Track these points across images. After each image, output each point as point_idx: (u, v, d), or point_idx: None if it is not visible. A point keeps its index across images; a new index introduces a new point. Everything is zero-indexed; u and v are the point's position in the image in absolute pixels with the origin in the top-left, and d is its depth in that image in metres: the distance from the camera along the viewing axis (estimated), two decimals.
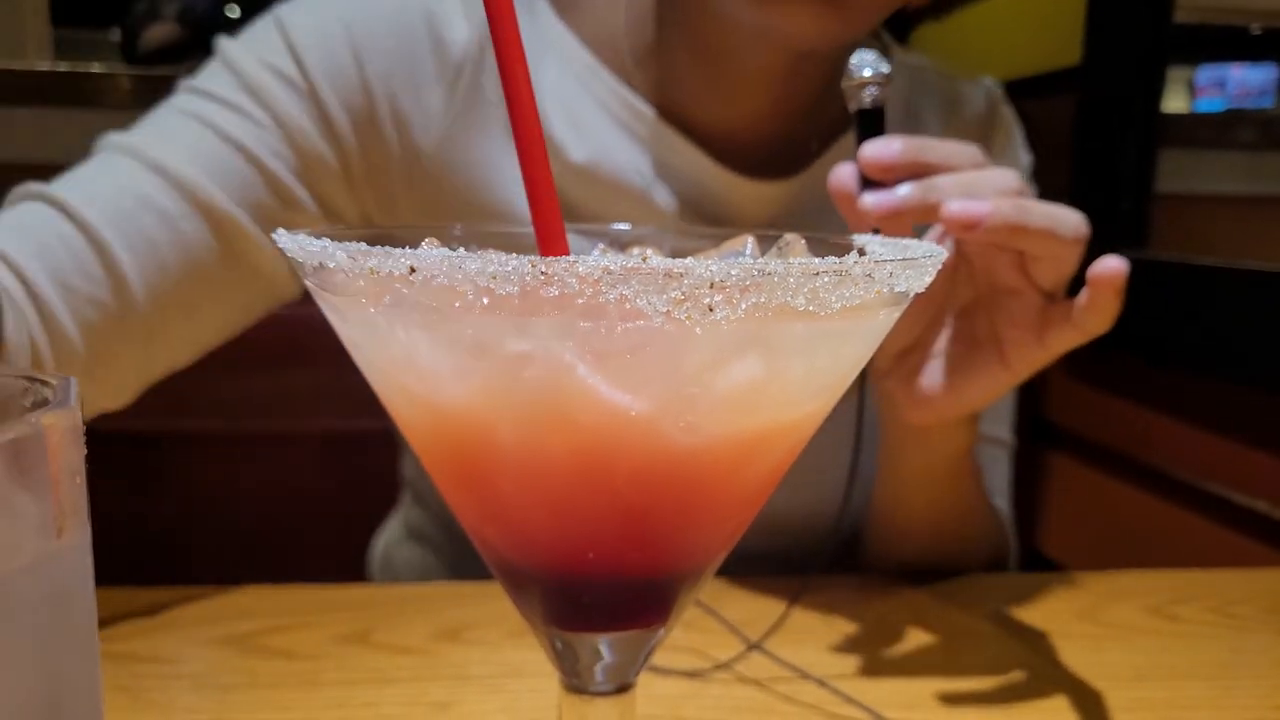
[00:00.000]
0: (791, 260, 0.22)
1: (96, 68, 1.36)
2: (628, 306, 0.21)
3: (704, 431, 0.24)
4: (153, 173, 0.57)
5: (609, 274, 0.21)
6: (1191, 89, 2.12)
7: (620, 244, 0.37)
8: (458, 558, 0.83)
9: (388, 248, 0.22)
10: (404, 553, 0.89)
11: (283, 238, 0.25)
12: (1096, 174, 1.09)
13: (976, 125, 0.76)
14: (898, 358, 0.57)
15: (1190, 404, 0.99)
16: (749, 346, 0.23)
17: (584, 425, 0.24)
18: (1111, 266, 0.49)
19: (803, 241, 0.32)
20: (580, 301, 0.21)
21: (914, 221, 0.49)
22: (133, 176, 0.58)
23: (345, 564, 0.95)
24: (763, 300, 0.22)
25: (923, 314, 0.55)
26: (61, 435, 0.19)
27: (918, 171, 0.49)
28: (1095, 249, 1.07)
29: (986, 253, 0.52)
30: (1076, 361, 1.16)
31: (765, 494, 0.29)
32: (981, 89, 0.79)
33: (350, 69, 0.64)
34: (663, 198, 0.66)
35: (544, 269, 0.21)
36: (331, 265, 0.23)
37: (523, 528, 0.28)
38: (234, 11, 1.88)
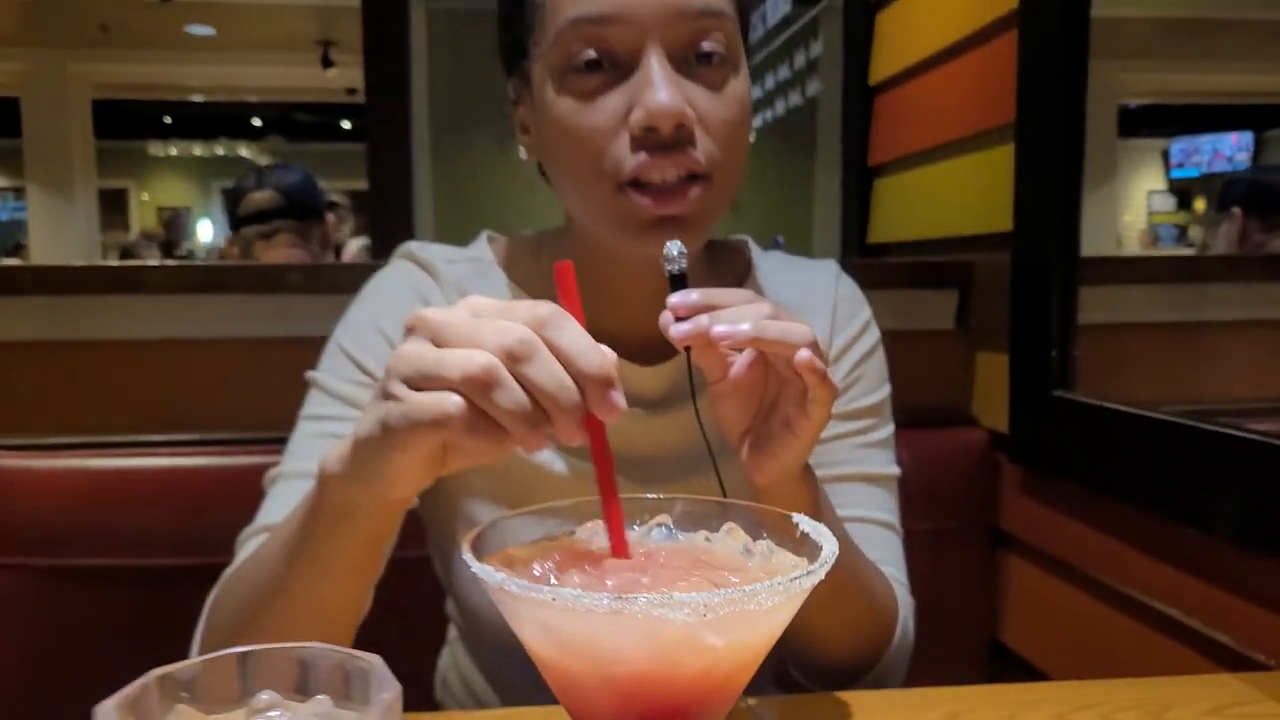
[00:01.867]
0: (750, 587, 0.42)
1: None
2: (665, 617, 0.42)
3: (713, 658, 0.45)
4: (311, 479, 0.72)
5: (655, 604, 0.41)
6: (1166, 160, 2.33)
7: (647, 509, 0.58)
8: (504, 681, 1.02)
9: (544, 586, 0.43)
10: (455, 676, 1.09)
11: (473, 564, 0.46)
12: (1030, 323, 1.30)
13: (824, 292, 1.00)
14: (739, 439, 0.76)
15: (1114, 524, 1.19)
16: (730, 626, 0.44)
17: (638, 666, 0.44)
18: (801, 356, 0.68)
19: (739, 530, 0.54)
20: (640, 616, 0.42)
21: (701, 344, 0.69)
22: (301, 487, 0.76)
23: (411, 686, 1.13)
24: (734, 609, 0.42)
25: (750, 407, 0.74)
26: (391, 707, 0.40)
27: (711, 311, 0.70)
28: (1033, 387, 1.28)
29: (775, 359, 0.71)
30: (1025, 480, 1.37)
31: (758, 665, 0.50)
32: (824, 267, 1.03)
33: (385, 348, 0.90)
34: None
35: (623, 604, 0.41)
36: (508, 589, 0.44)
37: (600, 710, 0.48)
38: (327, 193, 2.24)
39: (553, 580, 0.48)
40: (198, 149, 13.21)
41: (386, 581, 0.80)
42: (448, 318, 0.55)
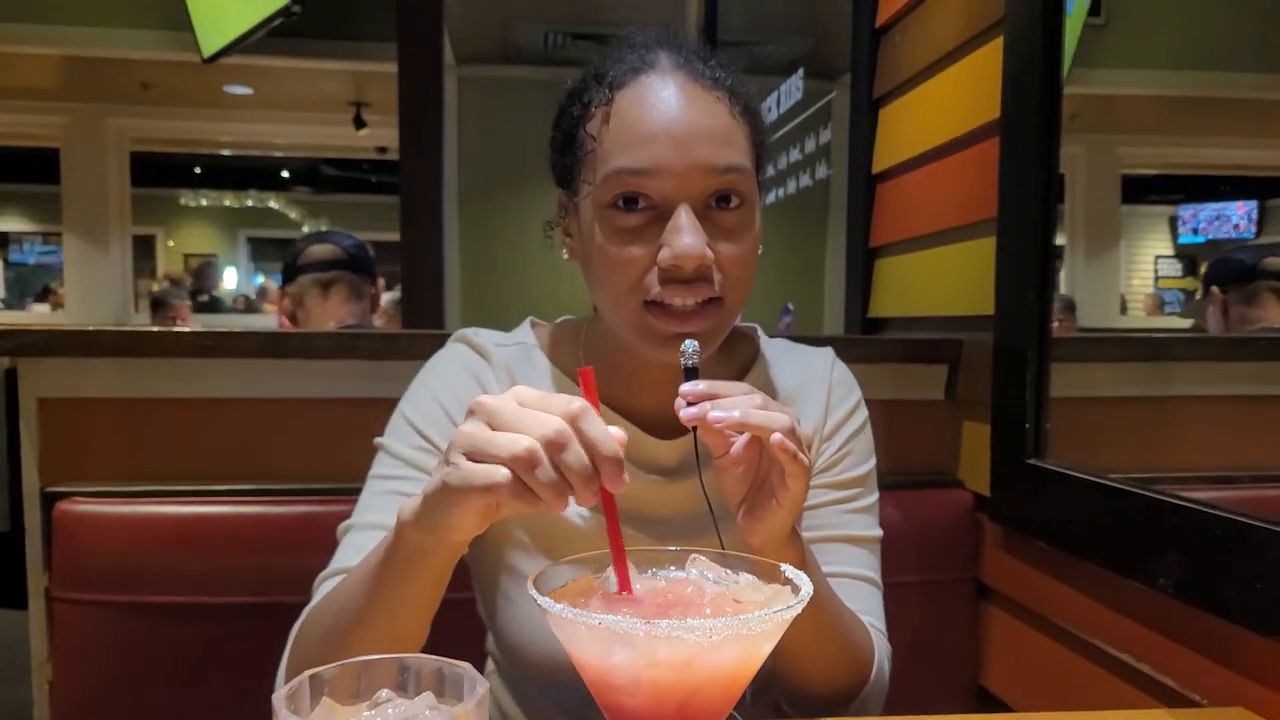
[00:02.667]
0: (743, 617, 0.57)
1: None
2: (683, 638, 0.57)
3: (720, 671, 0.60)
4: (381, 530, 0.90)
5: (673, 626, 0.56)
6: (1174, 226, 2.44)
7: (667, 559, 0.73)
8: (536, 707, 1.15)
9: (593, 614, 0.58)
10: (491, 703, 1.22)
11: (540, 599, 0.61)
12: (1008, 398, 1.45)
13: (820, 376, 1.16)
14: (737, 506, 0.90)
15: (1078, 579, 1.33)
16: (732, 644, 0.59)
17: (660, 672, 0.59)
18: (774, 439, 0.81)
19: (705, 558, 0.69)
20: (663, 637, 0.57)
21: (704, 425, 0.83)
22: (371, 537, 0.94)
23: None
24: (733, 634, 0.57)
25: (746, 479, 0.88)
26: (478, 706, 0.55)
27: (714, 399, 0.85)
28: (1010, 454, 1.42)
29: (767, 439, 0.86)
30: (1004, 539, 1.51)
31: (745, 687, 0.64)
32: (821, 354, 1.19)
33: (444, 419, 1.06)
34: None
35: (655, 630, 0.56)
36: (567, 616, 0.59)
37: (633, 715, 0.63)
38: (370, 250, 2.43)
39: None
40: (228, 199, 13.57)
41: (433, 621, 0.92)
42: (500, 406, 0.71)
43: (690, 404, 0.85)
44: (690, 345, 0.91)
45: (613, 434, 0.69)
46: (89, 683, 1.43)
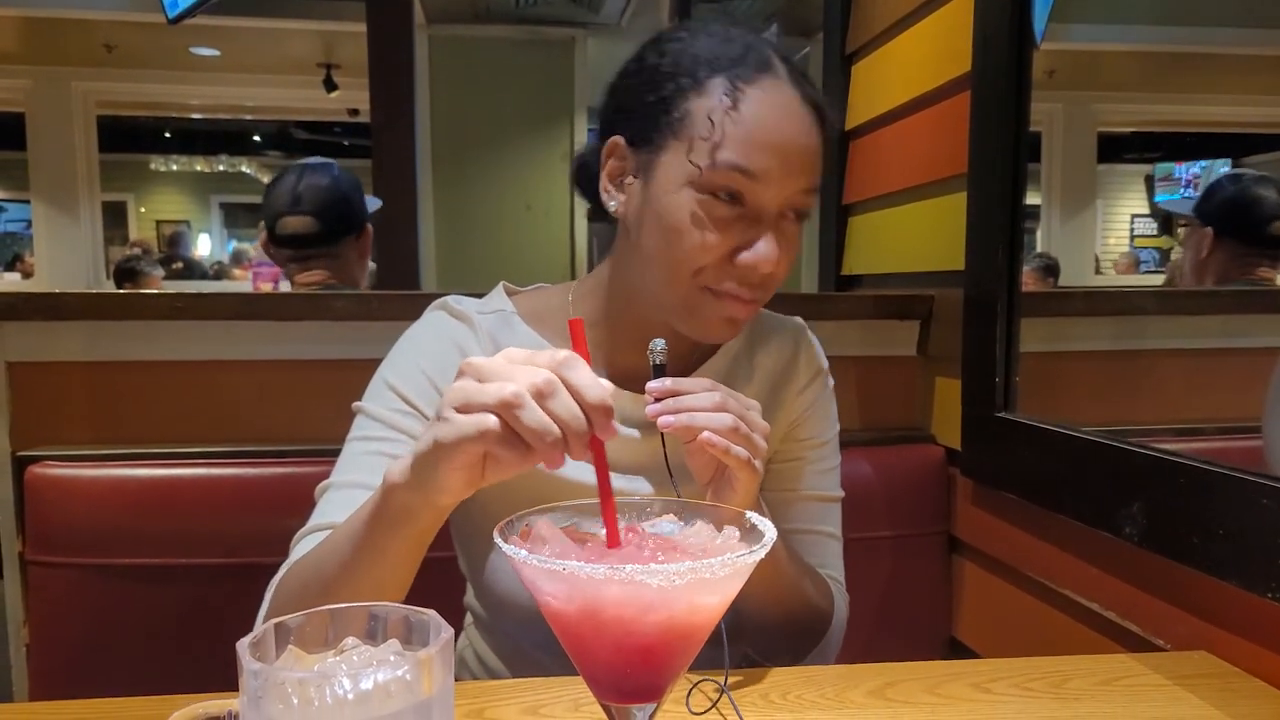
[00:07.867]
0: (705, 561, 0.58)
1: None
2: (645, 582, 0.57)
3: (684, 615, 0.61)
4: (363, 489, 0.93)
5: (638, 571, 0.57)
6: (1150, 185, 2.46)
7: (636, 508, 0.73)
8: (520, 654, 1.17)
9: (558, 560, 0.58)
10: (471, 655, 1.24)
11: (505, 546, 0.61)
12: (978, 352, 1.46)
13: (791, 343, 1.20)
14: (705, 488, 0.95)
15: (1047, 530, 1.35)
16: (695, 589, 0.59)
17: (626, 619, 0.60)
18: (701, 437, 0.88)
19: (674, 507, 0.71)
20: (626, 580, 0.57)
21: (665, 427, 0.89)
22: (351, 495, 0.96)
23: None
24: (696, 578, 0.58)
25: (712, 463, 0.93)
26: (442, 651, 0.55)
27: (677, 394, 0.90)
28: (980, 409, 1.43)
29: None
30: (975, 492, 1.53)
31: (708, 633, 0.65)
32: (791, 323, 1.23)
33: (427, 384, 1.06)
34: None
35: (619, 574, 0.57)
36: (532, 562, 0.59)
37: (599, 660, 0.63)
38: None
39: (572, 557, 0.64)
40: (199, 164, 13.38)
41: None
42: (489, 363, 0.72)
43: (657, 399, 0.91)
44: (658, 344, 0.93)
45: (601, 383, 0.69)
46: (66, 645, 1.43)
